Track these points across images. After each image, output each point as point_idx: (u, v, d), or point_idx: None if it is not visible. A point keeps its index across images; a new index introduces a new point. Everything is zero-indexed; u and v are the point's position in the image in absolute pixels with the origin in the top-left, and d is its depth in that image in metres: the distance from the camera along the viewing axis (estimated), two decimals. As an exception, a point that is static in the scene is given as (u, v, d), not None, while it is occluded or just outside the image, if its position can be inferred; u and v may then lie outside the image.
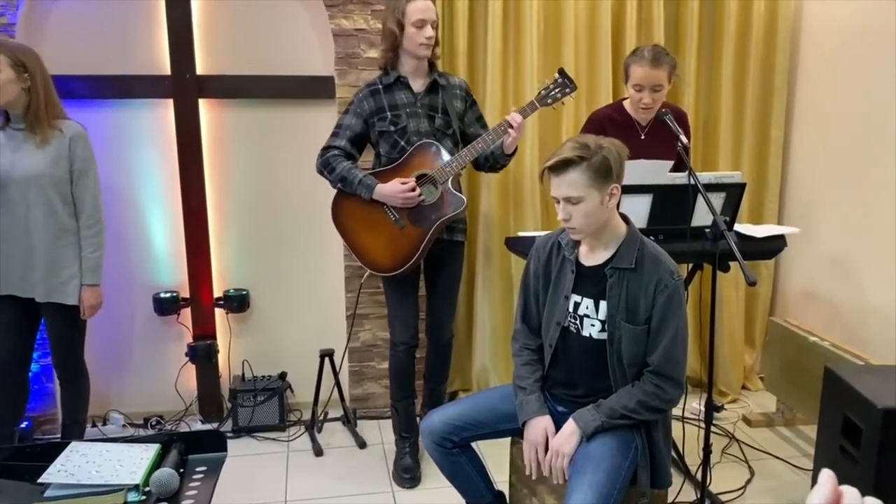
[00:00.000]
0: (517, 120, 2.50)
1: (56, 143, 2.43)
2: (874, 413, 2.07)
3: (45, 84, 2.43)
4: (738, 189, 2.38)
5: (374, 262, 2.64)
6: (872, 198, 2.95)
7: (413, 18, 2.49)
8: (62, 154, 2.44)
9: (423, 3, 2.50)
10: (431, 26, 2.52)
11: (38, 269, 2.46)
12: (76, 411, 2.69)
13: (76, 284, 2.51)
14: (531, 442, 1.92)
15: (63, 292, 2.49)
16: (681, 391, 1.87)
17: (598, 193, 1.78)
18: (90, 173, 2.51)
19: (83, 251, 2.51)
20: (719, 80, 3.39)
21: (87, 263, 2.51)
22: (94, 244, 2.52)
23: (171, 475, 1.50)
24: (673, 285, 1.82)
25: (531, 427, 1.94)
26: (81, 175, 2.49)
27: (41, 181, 2.41)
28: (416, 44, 2.52)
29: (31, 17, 2.93)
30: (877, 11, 2.90)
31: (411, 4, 2.49)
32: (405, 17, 2.49)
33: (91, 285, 2.53)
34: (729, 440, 3.07)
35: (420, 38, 2.51)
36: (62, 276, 2.48)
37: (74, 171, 2.48)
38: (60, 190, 2.46)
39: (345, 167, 2.59)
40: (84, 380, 2.70)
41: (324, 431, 3.19)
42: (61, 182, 2.46)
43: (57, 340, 2.59)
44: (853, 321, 3.07)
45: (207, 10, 3.05)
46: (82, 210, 2.50)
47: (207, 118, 3.12)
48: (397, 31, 2.52)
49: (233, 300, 3.20)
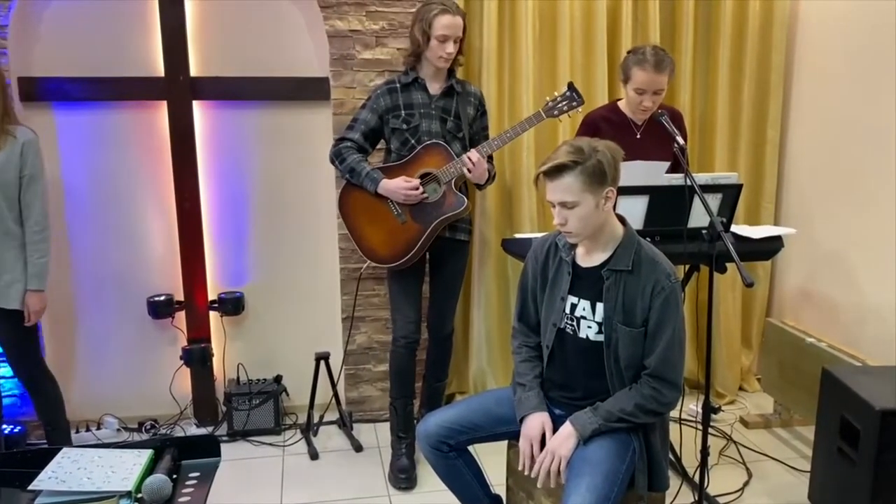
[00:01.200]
0: (473, 157, 2.58)
1: (7, 149, 2.42)
2: (872, 414, 2.07)
3: (2, 90, 2.42)
4: (735, 190, 2.38)
5: (372, 251, 2.72)
6: (869, 198, 2.95)
7: (437, 33, 2.55)
8: (12, 159, 2.43)
9: (449, 19, 2.55)
10: (454, 42, 2.58)
11: None
12: (52, 416, 2.67)
13: (19, 289, 2.49)
14: (527, 436, 1.91)
15: (5, 296, 2.47)
16: (678, 394, 1.86)
17: (593, 197, 1.78)
18: (39, 180, 2.50)
19: (29, 257, 2.50)
20: (715, 81, 3.38)
21: (33, 269, 2.50)
22: (40, 250, 2.51)
23: (163, 481, 1.49)
24: (670, 287, 1.82)
25: (528, 422, 1.93)
26: (31, 181, 2.48)
27: None
28: (436, 56, 2.60)
29: (24, 19, 2.90)
30: (872, 11, 2.90)
31: (438, 19, 2.54)
32: (431, 30, 2.56)
33: (36, 290, 2.51)
34: (726, 442, 3.06)
35: (441, 51, 2.58)
36: (3, 280, 2.46)
37: (24, 176, 2.47)
38: (7, 194, 2.44)
39: (354, 159, 2.66)
40: (49, 384, 2.67)
41: (319, 435, 3.17)
42: (8, 186, 2.44)
43: (7, 346, 2.57)
44: (850, 322, 3.06)
45: (201, 11, 3.03)
46: (29, 216, 2.49)
47: (201, 120, 3.10)
48: (421, 40, 2.59)
49: (227, 303, 3.18)
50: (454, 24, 2.56)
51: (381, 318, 3.25)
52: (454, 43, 2.58)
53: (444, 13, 2.54)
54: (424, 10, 2.58)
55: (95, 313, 3.13)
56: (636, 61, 2.53)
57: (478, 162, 2.58)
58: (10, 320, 2.50)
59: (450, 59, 2.62)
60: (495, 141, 2.65)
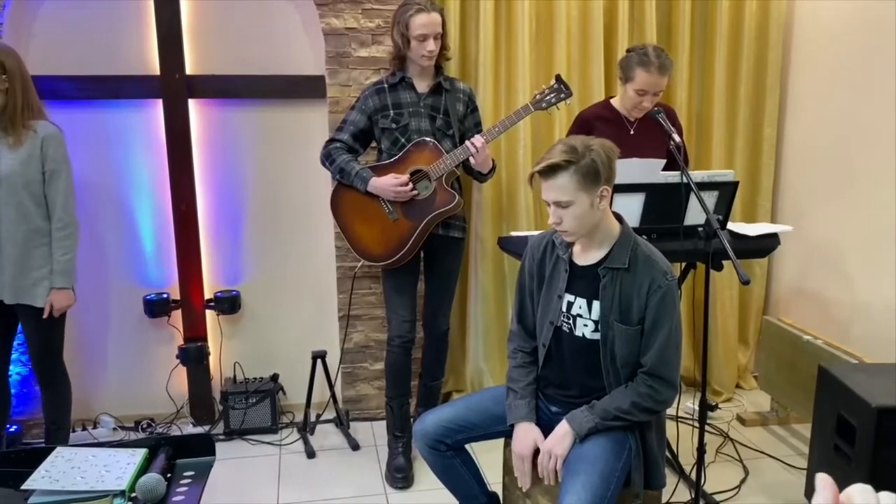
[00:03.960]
0: (477, 143, 2.56)
1: (29, 144, 2.39)
2: (868, 412, 2.07)
3: (23, 85, 2.39)
4: (731, 187, 2.38)
5: (365, 250, 2.72)
6: (865, 195, 2.95)
7: (415, 33, 2.55)
8: (34, 154, 2.41)
9: (425, 17, 2.54)
10: (434, 39, 2.57)
11: (6, 271, 2.42)
12: (59, 416, 2.65)
13: (47, 286, 2.47)
14: (519, 455, 1.92)
15: (32, 294, 2.46)
16: (675, 392, 1.86)
17: (588, 196, 1.77)
18: (62, 175, 2.46)
19: (54, 253, 2.47)
20: (712, 79, 3.38)
21: (58, 266, 2.46)
22: (64, 247, 2.47)
23: (157, 480, 1.48)
24: (666, 286, 1.81)
25: (518, 438, 1.93)
26: (53, 176, 2.45)
27: (11, 181, 2.37)
28: (418, 55, 2.60)
29: (19, 17, 2.89)
30: (869, 9, 2.90)
31: (414, 19, 2.53)
32: (409, 31, 2.55)
33: (60, 288, 2.48)
34: (723, 439, 3.07)
35: (422, 50, 2.57)
36: (31, 278, 2.45)
37: (46, 171, 2.44)
38: (32, 190, 2.42)
39: (344, 160, 2.67)
40: (64, 383, 2.66)
41: (316, 433, 3.17)
42: (32, 182, 2.42)
43: (32, 343, 2.56)
44: (846, 319, 3.07)
45: (197, 9, 3.02)
46: (53, 213, 2.46)
47: (197, 118, 3.09)
48: (401, 42, 2.59)
49: (224, 302, 3.17)
50: (431, 22, 2.55)
51: (378, 316, 3.25)
52: (434, 40, 2.57)
53: (420, 12, 2.53)
54: (400, 13, 2.58)
55: (91, 312, 3.11)
56: (640, 63, 2.51)
57: (482, 147, 2.57)
58: (38, 318, 2.48)
59: (433, 57, 2.61)
60: (491, 130, 2.62)
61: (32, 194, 2.42)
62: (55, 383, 2.63)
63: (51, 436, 2.67)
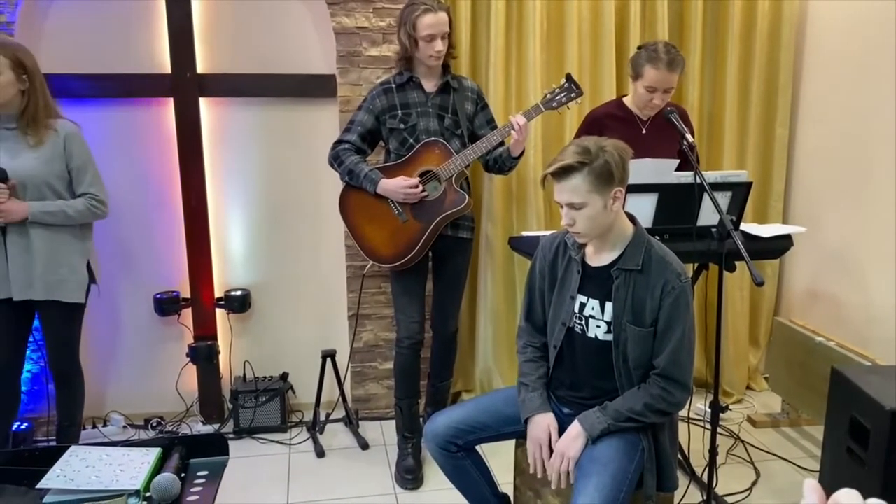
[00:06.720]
0: (520, 122, 2.54)
1: (50, 143, 2.42)
2: (882, 414, 2.05)
3: (41, 85, 2.42)
4: (745, 188, 2.36)
5: (375, 252, 2.70)
6: (878, 196, 2.93)
7: (423, 33, 2.53)
8: (57, 153, 2.43)
9: (432, 17, 2.52)
10: (441, 38, 2.56)
11: (36, 267, 2.43)
12: (72, 413, 2.67)
13: (74, 283, 2.49)
14: (535, 440, 1.91)
15: (62, 290, 2.48)
16: (688, 394, 1.85)
17: (601, 198, 1.76)
18: (89, 169, 2.50)
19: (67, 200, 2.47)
20: (724, 79, 3.36)
21: (51, 207, 2.41)
22: (77, 208, 2.45)
23: (172, 480, 1.48)
24: (680, 287, 1.80)
25: (534, 425, 1.92)
26: (81, 172, 2.48)
27: (36, 181, 2.40)
28: (426, 56, 2.59)
29: (30, 16, 2.90)
30: (881, 9, 2.88)
31: (421, 19, 2.52)
32: (416, 31, 2.54)
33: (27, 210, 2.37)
34: (734, 441, 3.05)
35: (430, 50, 2.56)
36: (59, 274, 2.47)
37: (72, 168, 2.47)
38: (56, 188, 2.45)
39: (352, 161, 2.65)
40: (79, 380, 2.68)
41: (325, 432, 3.17)
42: (58, 180, 2.45)
43: (53, 340, 2.57)
44: (859, 321, 3.05)
45: (208, 8, 3.02)
46: None
47: (208, 117, 3.10)
48: (408, 43, 2.58)
49: (234, 300, 3.18)
50: (438, 22, 2.53)
51: (387, 315, 3.25)
52: (442, 40, 2.56)
53: (427, 12, 2.51)
54: (407, 13, 2.56)
55: (102, 310, 3.12)
56: (649, 59, 2.49)
57: (525, 125, 2.54)
58: (63, 314, 2.51)
59: (441, 57, 2.60)
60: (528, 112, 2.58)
61: (56, 192, 2.45)
62: (71, 380, 2.65)
63: (63, 433, 2.68)
